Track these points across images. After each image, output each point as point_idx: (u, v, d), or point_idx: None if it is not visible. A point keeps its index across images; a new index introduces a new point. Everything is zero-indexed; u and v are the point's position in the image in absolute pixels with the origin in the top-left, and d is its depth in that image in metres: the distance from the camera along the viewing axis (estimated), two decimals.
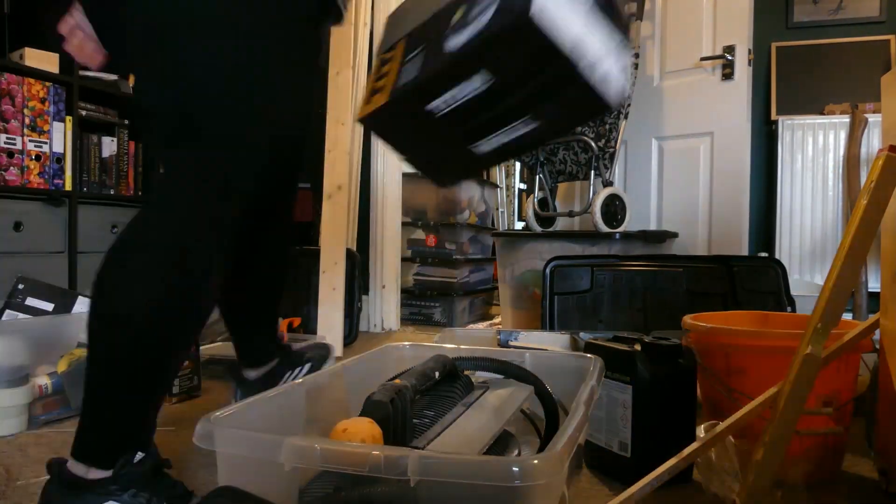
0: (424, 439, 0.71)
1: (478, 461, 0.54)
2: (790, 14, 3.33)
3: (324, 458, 0.57)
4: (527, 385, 0.88)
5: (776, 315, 1.36)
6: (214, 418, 0.65)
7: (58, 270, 2.25)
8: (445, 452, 0.64)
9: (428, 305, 3.28)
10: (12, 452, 1.24)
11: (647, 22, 2.80)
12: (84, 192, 2.38)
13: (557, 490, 0.61)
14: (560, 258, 2.02)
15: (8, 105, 2.11)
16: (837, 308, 0.80)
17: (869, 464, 1.23)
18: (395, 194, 2.94)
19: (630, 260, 2.00)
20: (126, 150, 2.57)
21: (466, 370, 0.90)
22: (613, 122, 2.44)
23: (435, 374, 0.81)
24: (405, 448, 0.56)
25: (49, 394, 1.43)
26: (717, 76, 2.60)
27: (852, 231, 0.78)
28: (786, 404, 0.81)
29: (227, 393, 1.75)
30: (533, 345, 1.65)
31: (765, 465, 0.81)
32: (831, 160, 3.07)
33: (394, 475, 0.54)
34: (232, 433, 0.62)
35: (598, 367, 0.90)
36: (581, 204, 3.01)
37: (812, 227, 3.10)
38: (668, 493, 1.07)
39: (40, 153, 2.20)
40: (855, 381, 1.16)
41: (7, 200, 2.10)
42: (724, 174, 2.58)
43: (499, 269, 2.64)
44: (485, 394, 0.88)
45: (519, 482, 0.51)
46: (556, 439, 0.58)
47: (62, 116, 2.28)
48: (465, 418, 0.78)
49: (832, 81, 3.27)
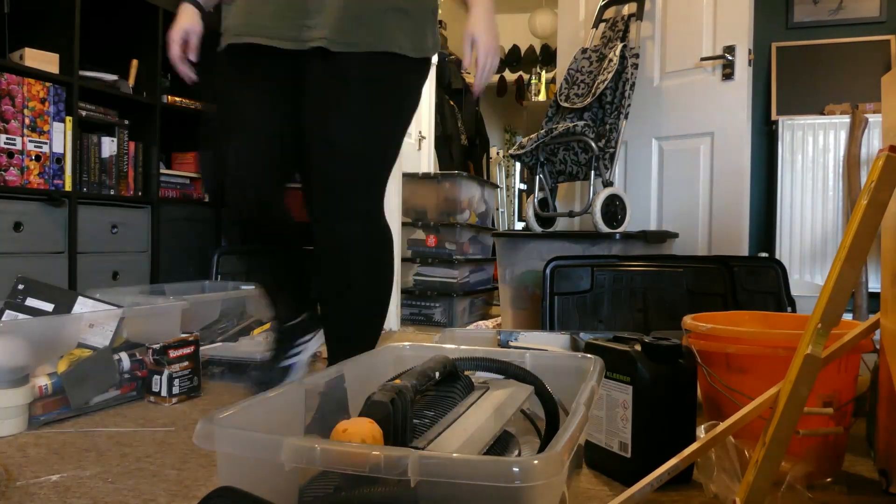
0: (425, 439, 0.71)
1: (478, 461, 0.54)
2: (790, 14, 3.33)
3: (324, 458, 0.57)
4: (527, 385, 0.88)
5: (777, 315, 1.36)
6: (214, 418, 0.65)
7: (58, 270, 2.25)
8: (446, 453, 0.64)
9: (428, 306, 3.28)
10: (12, 452, 1.24)
11: (647, 22, 2.80)
12: (84, 192, 2.38)
13: (558, 490, 0.61)
14: (560, 258, 2.02)
15: (8, 105, 2.11)
16: (837, 308, 0.80)
17: (869, 464, 1.23)
18: (395, 194, 2.93)
19: (630, 260, 2.00)
20: (126, 150, 2.57)
21: (466, 370, 0.90)
22: (613, 123, 2.43)
23: (435, 375, 0.81)
24: (405, 448, 0.56)
25: (49, 394, 1.43)
26: (718, 76, 2.60)
27: (852, 231, 0.78)
28: (786, 404, 0.81)
29: (227, 393, 1.75)
30: (533, 345, 1.65)
31: (765, 465, 0.81)
32: (831, 160, 3.07)
33: (394, 475, 0.54)
34: (232, 433, 0.62)
35: (598, 367, 0.90)
36: (581, 204, 3.01)
37: (812, 227, 3.10)
38: (668, 493, 1.07)
39: (40, 153, 2.20)
40: (855, 381, 1.16)
41: (7, 201, 2.10)
42: (724, 174, 2.58)
43: (499, 270, 2.64)
44: (485, 394, 0.88)
45: (519, 482, 0.51)
46: (557, 439, 0.58)
47: (62, 117, 2.28)
48: (465, 418, 0.78)
49: (832, 81, 3.27)
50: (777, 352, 1.07)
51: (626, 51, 2.49)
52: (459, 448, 0.69)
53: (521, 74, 6.82)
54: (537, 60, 6.74)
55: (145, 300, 1.92)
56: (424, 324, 3.25)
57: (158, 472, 1.15)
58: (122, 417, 1.49)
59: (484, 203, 3.82)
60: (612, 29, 2.71)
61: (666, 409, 1.08)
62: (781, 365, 0.87)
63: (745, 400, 0.97)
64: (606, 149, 2.38)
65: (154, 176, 2.65)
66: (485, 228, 3.78)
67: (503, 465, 0.52)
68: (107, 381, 1.55)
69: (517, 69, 6.85)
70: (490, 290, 3.80)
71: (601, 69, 2.58)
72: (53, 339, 1.51)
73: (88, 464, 1.19)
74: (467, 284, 3.39)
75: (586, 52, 2.73)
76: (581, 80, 2.66)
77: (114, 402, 1.58)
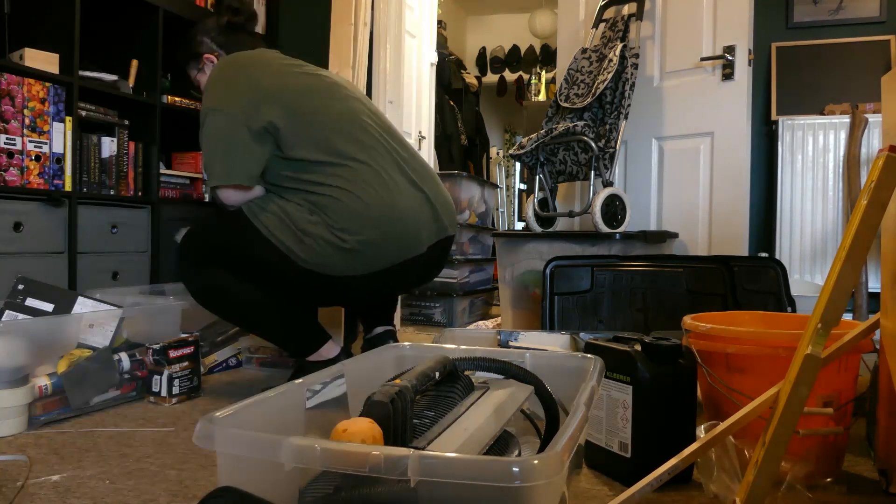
0: (425, 439, 0.71)
1: (478, 461, 0.54)
2: (790, 14, 3.33)
3: (324, 458, 0.57)
4: (527, 385, 0.88)
5: (777, 315, 1.36)
6: (214, 418, 0.65)
7: (58, 270, 2.25)
8: (445, 453, 0.64)
9: (428, 305, 3.28)
10: (12, 452, 1.24)
11: (647, 22, 2.80)
12: (84, 192, 2.38)
13: (558, 490, 0.61)
14: (560, 258, 2.02)
15: (8, 105, 2.11)
16: (838, 308, 0.80)
17: (869, 464, 1.23)
18: None
19: (630, 260, 2.00)
20: (126, 150, 2.57)
21: (467, 370, 0.90)
22: (613, 123, 2.43)
23: (435, 375, 0.81)
24: (405, 448, 0.56)
25: (49, 394, 1.43)
26: (718, 76, 2.60)
27: (852, 231, 0.78)
28: (786, 404, 0.81)
29: (227, 393, 1.75)
30: (533, 345, 1.65)
31: (765, 465, 0.81)
32: (831, 160, 3.07)
33: (394, 475, 0.54)
34: (232, 433, 0.62)
35: (598, 367, 0.90)
36: (581, 204, 3.01)
37: (812, 227, 3.10)
38: (668, 493, 1.07)
39: (40, 153, 2.20)
40: (855, 381, 1.16)
41: (7, 201, 2.10)
42: (724, 174, 2.58)
43: (499, 270, 2.64)
44: (485, 394, 0.88)
45: (519, 482, 0.51)
46: (556, 439, 0.58)
47: (62, 117, 2.28)
48: (465, 418, 0.78)
49: (832, 81, 3.27)
50: (777, 352, 1.07)
51: (626, 51, 2.49)
52: (459, 448, 0.69)
53: (521, 74, 6.82)
54: (537, 60, 6.74)
55: (145, 300, 1.92)
56: (424, 324, 3.25)
57: (158, 472, 1.15)
58: (122, 417, 1.49)
59: (484, 203, 3.82)
60: (611, 29, 2.71)
61: (666, 409, 1.08)
62: (782, 365, 0.87)
63: (746, 400, 0.97)
64: (606, 149, 2.38)
65: (154, 176, 2.65)
66: (485, 228, 3.78)
67: (503, 465, 0.52)
68: (107, 381, 1.55)
69: (517, 69, 6.85)
70: (490, 290, 3.80)
71: (601, 69, 2.58)
72: (53, 338, 1.51)
73: (88, 464, 1.19)
74: (467, 284, 3.39)
75: (586, 52, 2.73)
76: (581, 80, 2.66)
77: (114, 402, 1.58)
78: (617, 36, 2.64)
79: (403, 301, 3.24)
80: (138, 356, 1.63)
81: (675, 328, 1.36)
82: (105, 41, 2.69)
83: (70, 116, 2.31)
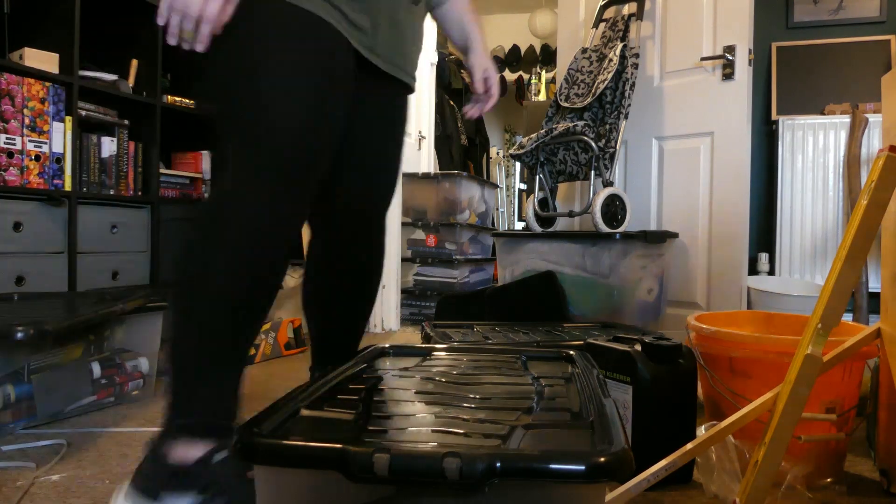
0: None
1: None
2: (790, 14, 3.33)
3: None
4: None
5: (780, 316, 1.36)
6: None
7: (57, 270, 2.24)
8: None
9: (428, 306, 3.28)
10: (12, 453, 1.24)
11: (647, 22, 2.80)
12: (84, 192, 2.38)
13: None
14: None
15: (8, 105, 2.11)
16: (837, 308, 0.80)
17: (869, 464, 1.23)
18: (395, 194, 2.93)
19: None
20: (126, 150, 2.57)
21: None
22: (613, 123, 2.43)
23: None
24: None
25: (12, 402, 1.37)
26: (718, 76, 2.60)
27: (852, 231, 0.78)
28: (786, 404, 0.81)
29: None
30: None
31: (765, 465, 0.81)
32: (831, 160, 3.07)
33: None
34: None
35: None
36: (581, 204, 3.01)
37: (812, 227, 3.10)
38: (669, 492, 1.07)
39: (40, 153, 2.20)
40: (858, 387, 1.16)
41: (7, 200, 2.10)
42: (725, 174, 2.58)
43: (499, 270, 2.64)
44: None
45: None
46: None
47: (62, 116, 2.28)
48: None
49: (832, 81, 3.27)
50: (782, 358, 1.06)
51: (626, 51, 2.48)
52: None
53: (521, 74, 6.82)
54: (537, 60, 6.74)
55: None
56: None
57: None
58: (122, 417, 1.49)
59: (484, 203, 3.82)
60: (612, 29, 2.70)
61: (666, 409, 1.08)
62: (786, 370, 0.87)
63: (748, 404, 0.97)
64: (606, 149, 2.38)
65: (154, 176, 2.65)
66: (485, 228, 3.78)
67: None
68: (79, 389, 1.51)
69: (517, 69, 6.85)
70: None
71: (601, 69, 2.58)
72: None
73: (88, 464, 1.19)
74: (467, 284, 3.39)
75: (586, 51, 2.73)
76: (581, 79, 2.66)
77: (88, 409, 1.55)
78: (617, 36, 2.64)
79: (403, 301, 3.24)
80: (118, 360, 1.60)
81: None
82: (105, 41, 2.69)
83: (70, 116, 2.30)
